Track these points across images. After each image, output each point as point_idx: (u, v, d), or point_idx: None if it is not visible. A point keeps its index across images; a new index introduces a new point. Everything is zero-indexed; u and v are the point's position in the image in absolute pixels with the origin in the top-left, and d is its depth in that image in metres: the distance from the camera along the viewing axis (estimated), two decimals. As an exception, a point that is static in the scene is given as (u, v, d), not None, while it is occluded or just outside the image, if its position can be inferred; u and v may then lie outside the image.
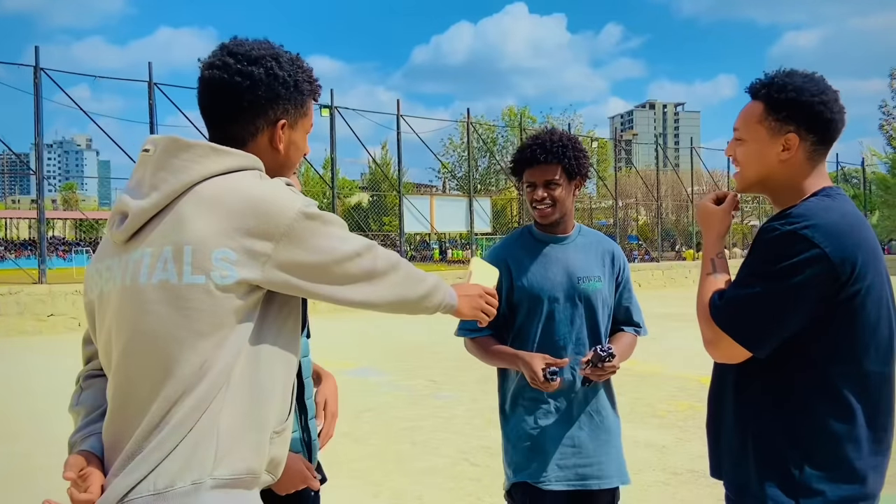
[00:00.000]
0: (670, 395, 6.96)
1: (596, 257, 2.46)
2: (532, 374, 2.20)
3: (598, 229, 34.36)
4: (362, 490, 4.48)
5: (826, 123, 1.58)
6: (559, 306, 2.36)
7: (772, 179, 1.64)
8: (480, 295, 1.65)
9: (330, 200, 18.58)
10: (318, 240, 1.33)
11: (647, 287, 22.76)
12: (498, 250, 2.48)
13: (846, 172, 35.66)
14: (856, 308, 1.50)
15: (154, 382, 1.28)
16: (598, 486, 2.34)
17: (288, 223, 1.29)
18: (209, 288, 1.26)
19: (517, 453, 2.34)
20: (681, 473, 4.63)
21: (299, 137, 1.48)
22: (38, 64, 14.32)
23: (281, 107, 1.41)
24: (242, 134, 1.40)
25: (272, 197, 1.31)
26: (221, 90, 1.38)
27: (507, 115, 39.99)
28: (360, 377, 8.15)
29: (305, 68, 1.45)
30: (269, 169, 1.42)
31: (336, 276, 1.36)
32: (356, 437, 5.71)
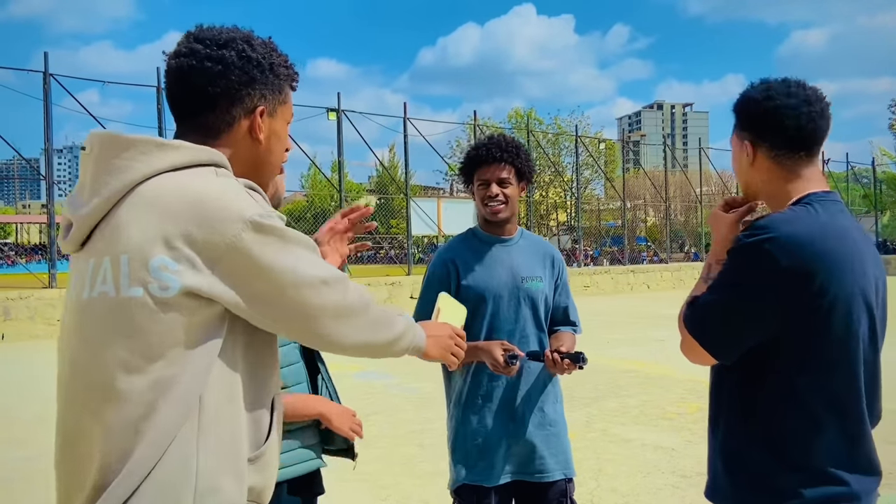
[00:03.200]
0: (680, 397, 6.91)
1: (538, 259, 2.59)
2: (493, 360, 2.29)
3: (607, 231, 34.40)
4: (369, 493, 4.46)
5: (774, 129, 1.57)
6: (503, 304, 2.47)
7: (752, 186, 1.68)
8: (450, 336, 1.56)
9: (338, 203, 18.59)
10: (271, 257, 1.17)
11: (655, 288, 22.68)
12: (444, 252, 2.56)
13: (856, 172, 35.41)
14: (819, 322, 1.47)
15: (100, 411, 1.15)
16: (541, 479, 2.44)
17: (234, 233, 1.14)
18: (148, 301, 1.13)
19: (463, 453, 2.43)
20: (690, 476, 4.59)
21: (280, 127, 1.36)
22: (48, 69, 14.40)
23: (258, 92, 1.29)
24: (218, 124, 1.28)
25: (219, 201, 1.16)
26: (191, 78, 1.26)
27: (514, 117, 39.95)
28: (367, 380, 8.13)
29: (280, 53, 1.35)
30: (249, 163, 1.32)
31: (293, 305, 1.20)
32: (364, 439, 5.68)
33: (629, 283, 22.33)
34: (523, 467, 2.43)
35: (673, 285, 23.22)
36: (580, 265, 24.90)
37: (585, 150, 27.88)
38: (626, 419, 6.14)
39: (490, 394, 2.41)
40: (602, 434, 5.66)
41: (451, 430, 2.48)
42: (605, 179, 33.77)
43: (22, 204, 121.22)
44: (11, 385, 8.23)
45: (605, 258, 30.11)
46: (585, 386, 7.21)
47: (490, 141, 2.49)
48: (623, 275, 22.47)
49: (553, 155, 37.44)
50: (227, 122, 1.29)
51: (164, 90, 1.34)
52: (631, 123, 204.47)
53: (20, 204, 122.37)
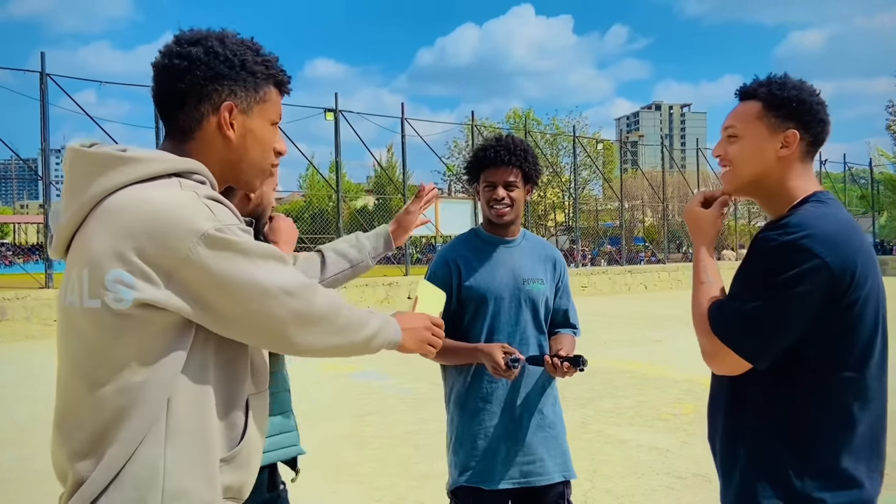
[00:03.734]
0: (676, 397, 6.91)
1: (540, 261, 2.58)
2: (494, 363, 2.27)
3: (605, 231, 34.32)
4: (364, 494, 4.46)
5: (822, 123, 1.61)
6: (504, 305, 2.46)
7: (766, 179, 1.62)
8: (427, 327, 1.55)
9: (335, 204, 18.56)
10: (229, 271, 1.16)
11: (653, 289, 22.68)
12: (447, 251, 2.55)
13: (854, 173, 35.45)
14: (855, 316, 1.48)
15: (76, 412, 1.20)
16: (541, 482, 2.42)
17: (188, 248, 1.14)
18: (105, 313, 1.16)
19: (462, 454, 2.42)
20: (685, 477, 4.59)
21: (258, 126, 1.33)
22: (44, 69, 14.36)
23: (225, 87, 1.28)
24: (189, 122, 1.29)
25: (174, 215, 1.15)
26: (162, 75, 1.28)
27: (512, 118, 39.95)
28: (364, 380, 8.13)
29: (260, 52, 1.33)
30: (224, 162, 1.32)
31: (256, 317, 1.20)
32: (358, 440, 5.69)
33: (627, 283, 22.33)
34: (523, 471, 2.40)
35: (670, 286, 23.23)
36: (578, 265, 24.90)
37: (583, 150, 27.88)
38: (622, 420, 6.14)
39: (489, 395, 2.40)
40: (598, 435, 5.66)
41: (450, 431, 2.47)
42: (602, 180, 33.78)
43: (20, 204, 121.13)
44: (6, 385, 8.21)
45: (602, 258, 30.11)
46: (581, 386, 7.20)
47: (498, 143, 2.47)
48: (620, 275, 22.48)
49: (551, 155, 37.42)
50: (196, 119, 1.29)
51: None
52: (629, 124, 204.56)
53: (17, 204, 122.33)
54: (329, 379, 8.36)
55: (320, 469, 4.92)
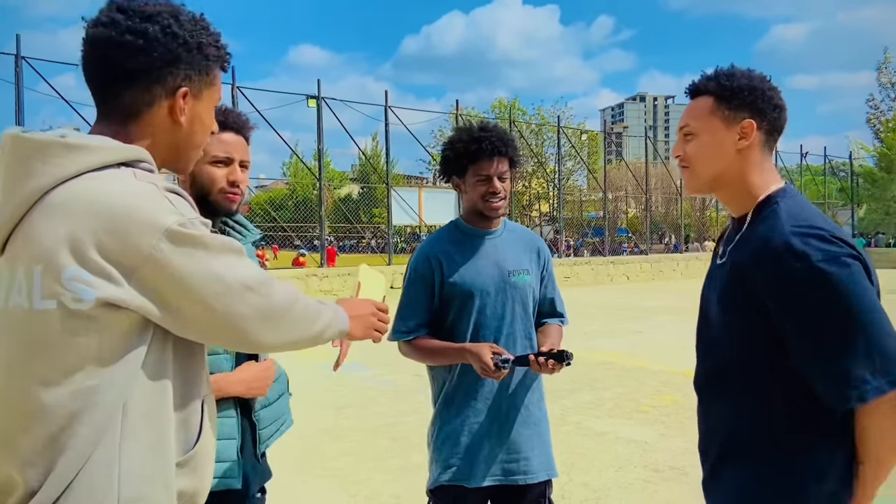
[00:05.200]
0: (655, 389, 6.92)
1: (524, 251, 2.48)
2: (482, 364, 2.18)
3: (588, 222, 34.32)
4: (339, 489, 4.40)
5: (778, 109, 1.57)
6: (490, 300, 2.36)
7: (727, 174, 1.58)
8: (373, 313, 1.53)
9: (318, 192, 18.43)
10: (193, 268, 1.12)
11: (635, 280, 22.78)
12: (427, 247, 2.42)
13: (834, 166, 35.76)
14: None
15: (23, 422, 1.11)
16: (525, 480, 2.36)
17: (151, 244, 1.09)
18: (61, 314, 1.08)
19: (444, 452, 2.34)
20: (663, 471, 4.58)
21: (205, 111, 1.28)
22: (20, 52, 14.08)
23: (182, 72, 1.21)
24: (136, 104, 1.20)
25: (133, 209, 1.09)
26: (110, 51, 1.17)
27: (498, 107, 39.85)
28: (345, 371, 8.06)
29: (212, 31, 1.27)
30: (169, 147, 1.26)
31: (218, 314, 1.16)
32: (336, 433, 5.63)
33: (609, 274, 22.40)
34: (506, 469, 2.34)
35: (652, 276, 23.34)
36: (561, 256, 24.93)
37: (567, 141, 27.87)
38: (601, 412, 6.13)
39: (475, 392, 2.33)
40: (576, 427, 5.65)
41: (434, 429, 2.39)
42: (587, 171, 33.82)
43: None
44: None
45: (585, 249, 30.19)
46: (561, 378, 7.15)
47: (488, 132, 2.32)
48: (603, 266, 22.54)
49: (536, 146, 37.39)
50: (145, 102, 1.21)
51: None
52: (614, 115, 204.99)
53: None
54: (308, 369, 8.29)
55: (294, 462, 4.87)
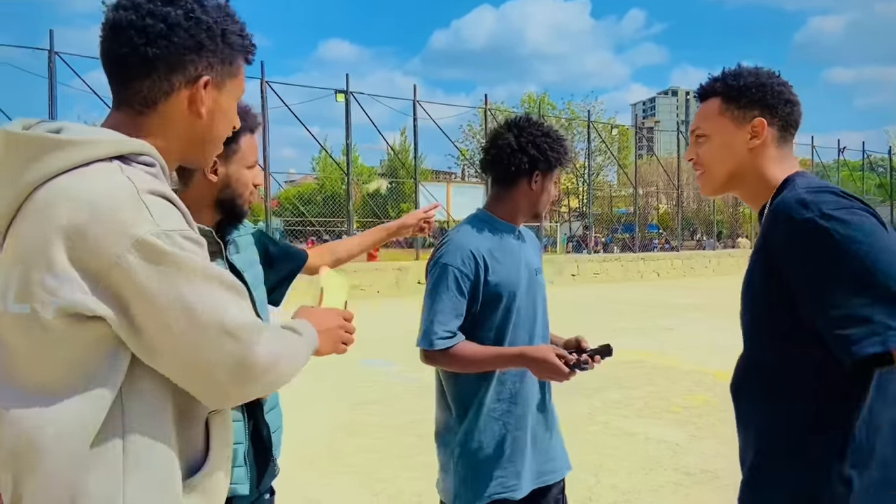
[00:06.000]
0: (686, 389, 6.76)
1: (536, 250, 2.43)
2: (552, 367, 2.03)
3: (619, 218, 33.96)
4: (360, 486, 4.35)
5: (789, 104, 1.54)
6: (524, 299, 2.25)
7: (742, 173, 1.56)
8: (340, 325, 1.43)
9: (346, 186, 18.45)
10: (159, 289, 1.00)
11: (665, 276, 22.45)
12: (468, 243, 2.20)
13: (872, 161, 34.84)
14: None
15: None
16: (553, 479, 2.30)
17: (117, 252, 0.99)
18: (33, 321, 1.00)
19: (485, 465, 2.16)
20: (694, 473, 4.45)
21: (227, 103, 1.20)
22: (53, 47, 14.29)
23: (204, 60, 1.14)
24: (154, 93, 1.13)
25: (108, 212, 1.00)
26: (130, 35, 1.10)
27: (527, 102, 39.58)
28: (371, 367, 8.02)
29: (237, 20, 1.19)
30: (187, 139, 1.18)
31: (182, 354, 1.03)
32: (360, 430, 5.58)
33: (639, 270, 22.11)
34: (540, 471, 2.25)
35: (683, 273, 22.97)
36: (590, 252, 24.67)
37: (598, 136, 27.56)
38: (630, 412, 6.00)
39: (516, 397, 2.19)
40: (604, 427, 5.52)
41: (466, 439, 2.17)
42: (617, 166, 33.43)
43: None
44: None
45: (615, 245, 29.84)
46: (588, 377, 7.02)
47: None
48: (633, 262, 22.25)
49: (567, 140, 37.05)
50: (164, 90, 1.13)
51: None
52: (645, 109, 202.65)
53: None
54: (333, 365, 8.27)
55: (316, 460, 4.83)
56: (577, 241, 30.81)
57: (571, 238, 31.98)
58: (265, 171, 16.69)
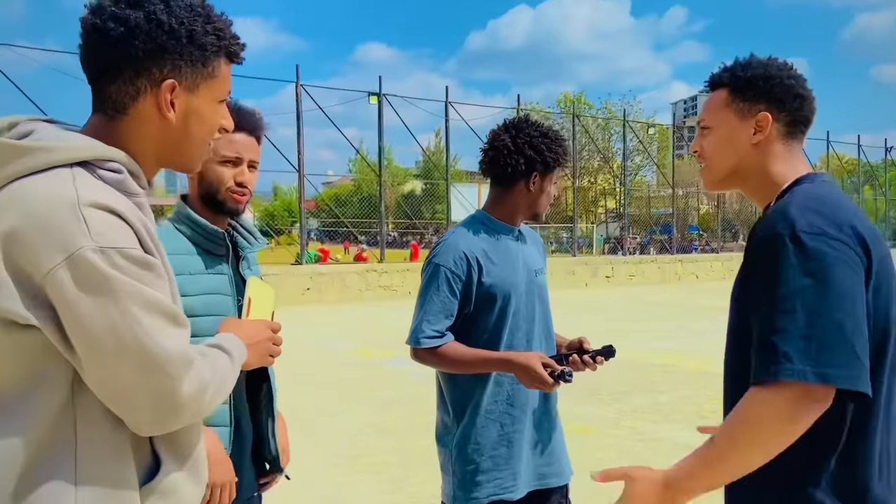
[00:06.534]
0: (718, 393, 6.52)
1: (538, 250, 2.39)
2: (536, 378, 2.02)
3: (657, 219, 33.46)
4: (381, 486, 4.34)
5: (799, 99, 1.45)
6: (522, 300, 2.22)
7: (744, 168, 1.48)
8: (269, 338, 1.41)
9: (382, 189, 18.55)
10: (88, 308, 0.96)
11: (704, 279, 22.05)
12: (461, 243, 2.19)
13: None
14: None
15: None
16: (555, 483, 2.27)
17: (50, 266, 0.95)
18: None
19: (481, 466, 2.16)
20: (720, 480, 4.33)
21: (204, 106, 1.16)
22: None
23: (168, 62, 1.10)
24: (122, 97, 1.11)
25: (46, 223, 0.96)
26: (94, 40, 1.09)
27: (563, 102, 39.33)
28: (397, 367, 8.03)
29: (213, 19, 1.15)
30: (161, 143, 1.15)
31: (104, 379, 1.00)
32: (382, 429, 5.58)
33: (677, 272, 21.75)
34: (541, 473, 2.24)
35: (723, 275, 22.50)
36: (626, 254, 24.37)
37: (635, 135, 27.21)
38: (658, 416, 5.88)
39: (513, 399, 2.18)
40: (630, 432, 5.43)
41: (462, 440, 2.18)
42: (656, 166, 32.95)
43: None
44: None
45: (653, 247, 29.43)
46: (617, 380, 6.95)
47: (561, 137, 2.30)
48: (670, 264, 21.90)
49: (603, 140, 36.73)
50: (130, 94, 1.11)
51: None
52: (686, 108, 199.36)
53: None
54: (359, 365, 8.31)
55: (340, 458, 4.84)
56: (613, 243, 30.47)
57: (608, 239, 31.64)
58: (299, 173, 16.86)
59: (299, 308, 14.46)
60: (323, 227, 30.66)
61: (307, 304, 15.02)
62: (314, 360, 8.60)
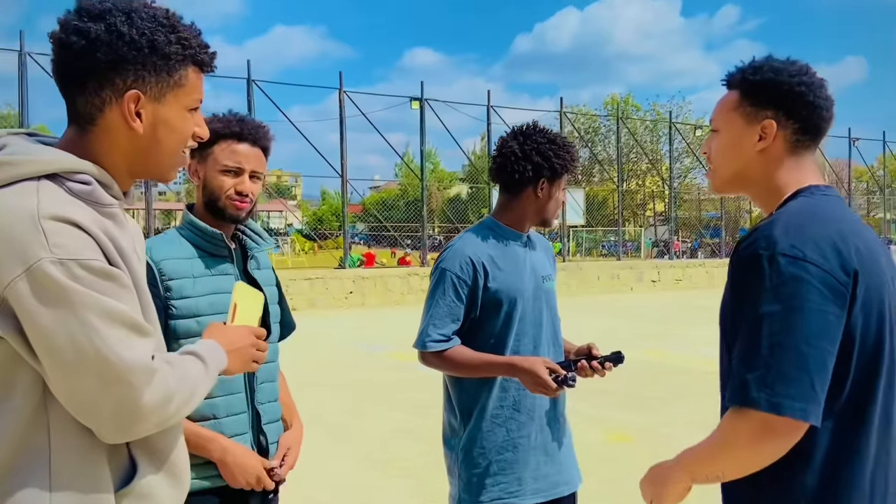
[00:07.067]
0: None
1: (547, 256, 2.39)
2: (540, 383, 2.03)
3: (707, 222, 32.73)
4: (412, 490, 4.38)
5: (809, 108, 1.38)
6: (529, 306, 2.22)
7: (748, 175, 1.45)
8: (252, 344, 1.41)
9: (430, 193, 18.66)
10: (47, 320, 0.98)
11: (755, 283, 21.49)
12: (468, 249, 2.22)
13: None
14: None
15: None
16: (567, 490, 2.26)
17: (10, 278, 0.98)
18: None
19: (486, 469, 2.17)
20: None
21: (172, 115, 1.17)
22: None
23: (130, 73, 1.12)
24: (89, 108, 1.13)
25: (8, 235, 0.99)
26: (59, 53, 1.12)
27: (610, 104, 38.87)
28: (431, 371, 8.06)
29: (178, 29, 1.16)
30: (130, 154, 1.17)
31: (64, 390, 1.02)
32: (415, 432, 5.61)
33: (725, 277, 21.22)
34: (553, 482, 2.24)
35: (774, 280, 21.94)
36: (673, 258, 23.93)
37: (682, 138, 26.71)
38: (696, 426, 5.74)
39: (519, 404, 2.19)
40: (666, 439, 5.34)
41: (468, 443, 2.20)
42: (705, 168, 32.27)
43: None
44: None
45: (701, 251, 28.83)
46: (654, 387, 6.84)
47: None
48: (718, 268, 21.41)
49: (651, 142, 36.16)
50: (97, 106, 1.13)
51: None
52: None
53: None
54: (395, 368, 8.36)
55: (369, 462, 4.88)
56: (662, 246, 29.96)
57: (656, 243, 31.13)
58: (342, 178, 17.08)
59: (342, 311, 14.63)
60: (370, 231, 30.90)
61: (350, 308, 15.19)
62: (350, 363, 8.71)
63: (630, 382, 6.95)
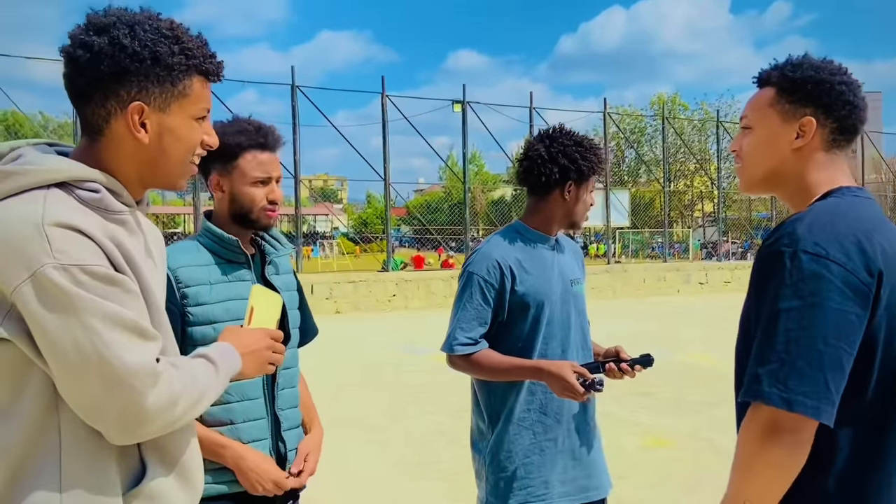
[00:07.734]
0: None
1: (575, 259, 2.37)
2: (569, 388, 2.03)
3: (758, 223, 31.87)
4: (446, 493, 4.38)
5: (848, 107, 1.36)
6: (557, 309, 2.21)
7: (781, 173, 1.41)
8: (267, 346, 1.41)
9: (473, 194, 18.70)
10: (52, 324, 1.01)
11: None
12: (495, 252, 2.22)
13: None
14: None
15: None
16: (597, 496, 2.23)
17: (16, 283, 1.01)
18: None
19: (513, 473, 2.17)
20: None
21: (178, 124, 1.19)
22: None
23: (134, 85, 1.14)
24: (96, 119, 1.16)
25: (11, 242, 1.02)
26: (67, 67, 1.15)
27: (656, 103, 38.29)
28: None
29: (182, 40, 1.17)
30: (138, 164, 1.19)
31: (74, 391, 1.05)
32: (451, 436, 5.62)
33: (776, 279, 20.69)
34: (582, 486, 2.23)
35: (828, 282, 21.27)
36: (721, 259, 23.42)
37: (731, 137, 26.10)
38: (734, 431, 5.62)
39: (546, 407, 2.19)
40: (707, 444, 5.24)
41: (495, 446, 2.20)
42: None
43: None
44: None
45: (751, 252, 28.12)
46: (696, 391, 6.71)
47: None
48: (770, 270, 20.85)
49: (699, 142, 35.51)
50: (103, 117, 1.16)
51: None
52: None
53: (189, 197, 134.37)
54: (434, 371, 8.38)
55: (404, 464, 4.91)
56: (710, 247, 29.36)
57: (705, 244, 30.51)
58: (385, 181, 17.22)
59: (385, 314, 14.74)
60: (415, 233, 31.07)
61: (393, 311, 15.29)
62: (392, 365, 8.77)
63: (671, 386, 6.84)
